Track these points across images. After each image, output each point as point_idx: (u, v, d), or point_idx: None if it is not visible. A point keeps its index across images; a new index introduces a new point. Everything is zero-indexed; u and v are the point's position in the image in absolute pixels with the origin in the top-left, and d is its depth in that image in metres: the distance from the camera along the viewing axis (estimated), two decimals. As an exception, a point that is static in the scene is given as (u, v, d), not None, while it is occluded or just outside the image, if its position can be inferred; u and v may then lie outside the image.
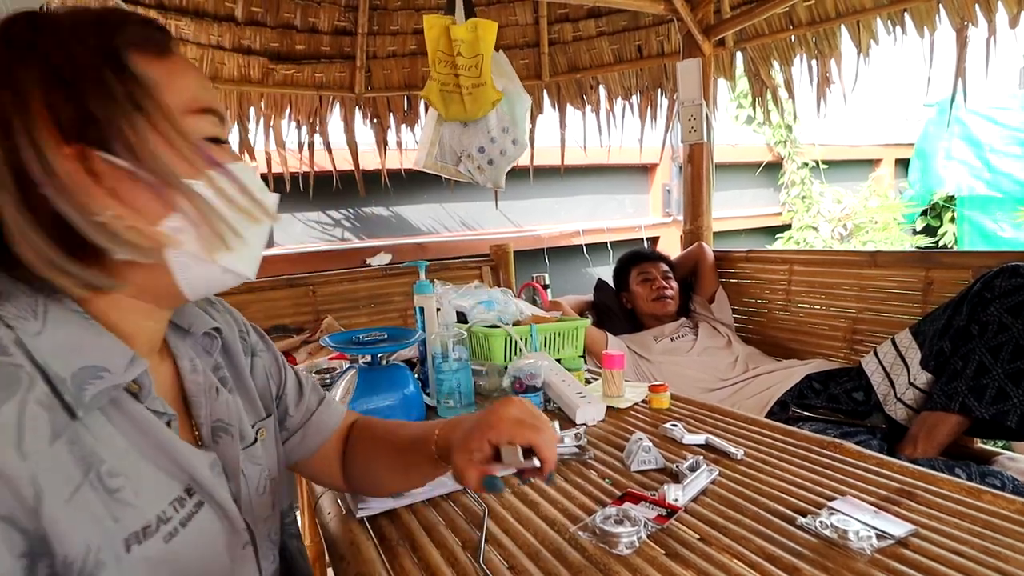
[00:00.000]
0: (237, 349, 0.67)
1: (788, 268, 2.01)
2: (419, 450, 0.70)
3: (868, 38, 2.23)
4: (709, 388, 1.72)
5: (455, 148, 1.80)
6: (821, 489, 0.77)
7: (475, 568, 0.64)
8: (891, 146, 4.94)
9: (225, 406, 0.59)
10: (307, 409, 0.76)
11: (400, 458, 0.73)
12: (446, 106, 1.91)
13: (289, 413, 0.74)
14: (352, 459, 0.78)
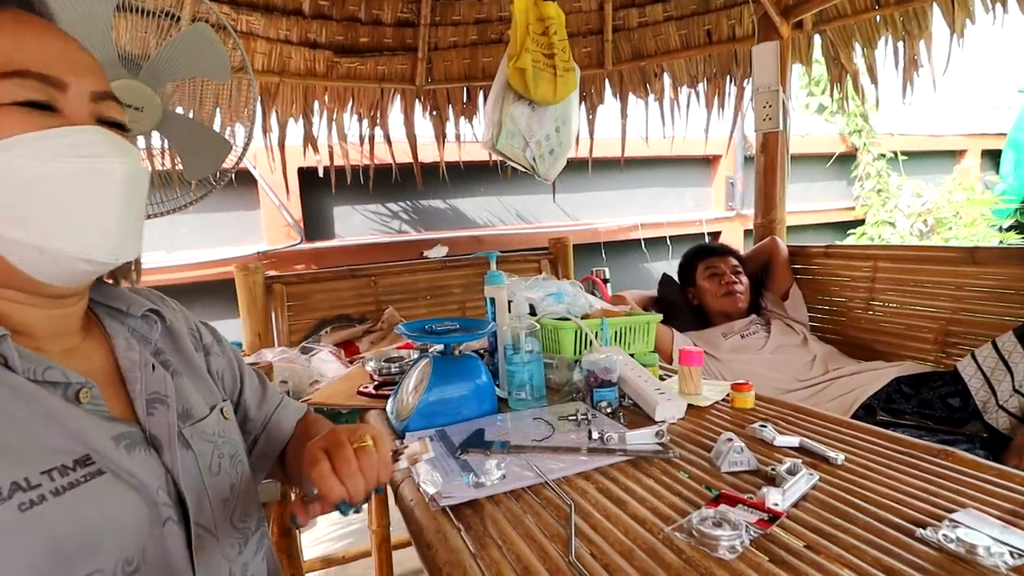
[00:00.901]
0: (185, 340, 0.67)
1: (872, 265, 1.88)
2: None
3: (963, 17, 2.07)
4: (785, 389, 1.64)
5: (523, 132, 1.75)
6: (937, 500, 0.71)
7: (568, 564, 0.62)
8: (977, 136, 4.61)
9: (162, 380, 0.58)
10: (266, 411, 0.77)
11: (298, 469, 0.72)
12: (535, 84, 1.78)
13: (250, 416, 0.75)
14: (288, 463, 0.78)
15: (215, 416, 0.63)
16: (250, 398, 0.75)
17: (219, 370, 0.71)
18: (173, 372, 0.62)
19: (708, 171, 3.75)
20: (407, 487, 0.83)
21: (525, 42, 1.70)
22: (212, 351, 0.71)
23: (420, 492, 0.81)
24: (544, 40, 1.72)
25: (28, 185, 0.48)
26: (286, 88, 2.31)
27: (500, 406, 1.12)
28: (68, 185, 0.49)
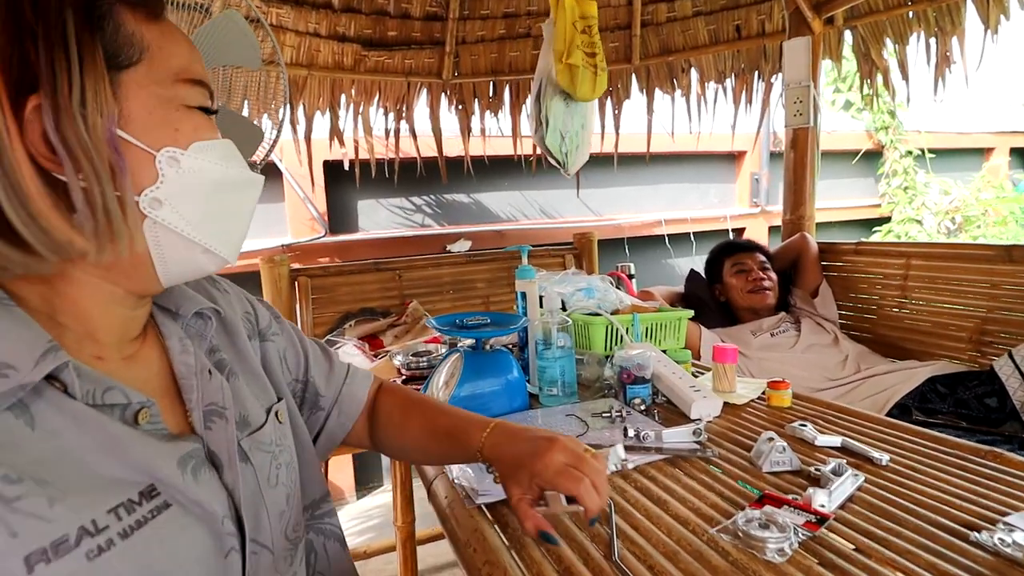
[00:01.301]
0: (240, 333, 0.63)
1: (905, 262, 1.85)
2: (458, 446, 0.69)
3: (998, 13, 2.02)
4: (817, 388, 1.62)
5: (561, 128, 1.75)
6: (987, 502, 0.69)
7: (610, 565, 0.61)
8: (1006, 134, 4.50)
9: (219, 389, 0.54)
10: (336, 384, 0.74)
11: (435, 444, 0.72)
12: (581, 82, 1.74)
13: (321, 392, 0.72)
14: (380, 426, 0.77)
15: (271, 422, 0.60)
16: (317, 374, 0.72)
17: (281, 351, 0.68)
18: (229, 373, 0.58)
19: (733, 167, 3.70)
20: (441, 484, 0.84)
21: (575, 39, 1.68)
22: (270, 332, 0.67)
23: (455, 490, 0.81)
24: (586, 39, 1.71)
25: (206, 188, 0.49)
26: (313, 81, 2.32)
27: (531, 402, 1.12)
28: (231, 191, 0.52)
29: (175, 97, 0.47)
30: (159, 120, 0.46)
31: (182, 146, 0.47)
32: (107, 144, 0.42)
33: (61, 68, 0.40)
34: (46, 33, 0.40)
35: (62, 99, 0.40)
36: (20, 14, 0.40)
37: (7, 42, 0.39)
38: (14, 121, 0.39)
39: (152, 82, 0.46)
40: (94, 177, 0.41)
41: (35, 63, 0.39)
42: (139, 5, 0.46)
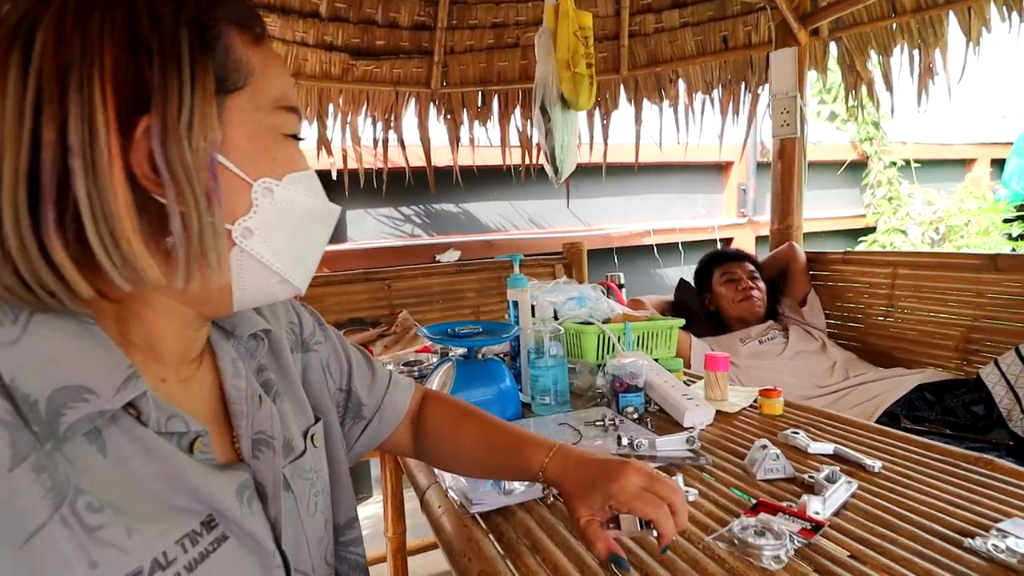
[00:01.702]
0: (284, 347, 0.61)
1: (891, 271, 1.87)
2: (516, 464, 0.67)
3: (980, 25, 2.07)
4: (805, 396, 1.62)
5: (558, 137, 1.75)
6: (980, 509, 0.69)
7: (606, 574, 0.61)
8: (987, 145, 4.59)
9: (268, 416, 0.52)
10: (379, 393, 0.72)
11: (490, 457, 0.70)
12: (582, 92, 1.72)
13: (364, 402, 0.70)
14: (428, 436, 0.75)
15: (309, 447, 0.58)
16: (360, 383, 0.70)
17: (325, 360, 0.66)
18: (275, 395, 0.56)
19: (720, 177, 3.74)
20: (434, 494, 0.82)
21: (578, 48, 1.69)
22: (313, 341, 0.65)
23: (448, 499, 0.80)
24: (584, 49, 1.72)
25: (294, 219, 0.48)
26: (301, 90, 2.31)
27: (523, 411, 1.11)
28: (313, 222, 0.50)
29: (274, 125, 0.46)
30: (258, 149, 0.45)
31: (278, 177, 0.46)
32: (207, 170, 0.41)
33: (173, 88, 0.39)
34: (161, 49, 0.38)
35: (171, 120, 0.38)
36: (137, 26, 0.38)
37: (124, 55, 0.38)
38: (118, 140, 0.38)
39: (254, 108, 0.44)
40: (192, 202, 0.40)
41: (148, 80, 0.38)
42: (247, 28, 0.45)
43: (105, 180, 0.37)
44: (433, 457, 0.76)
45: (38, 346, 0.37)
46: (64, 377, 0.37)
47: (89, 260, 0.38)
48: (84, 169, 0.36)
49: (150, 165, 0.39)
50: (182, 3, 0.40)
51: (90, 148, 0.36)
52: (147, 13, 0.39)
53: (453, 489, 0.80)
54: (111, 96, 0.37)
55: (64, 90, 0.36)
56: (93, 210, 0.37)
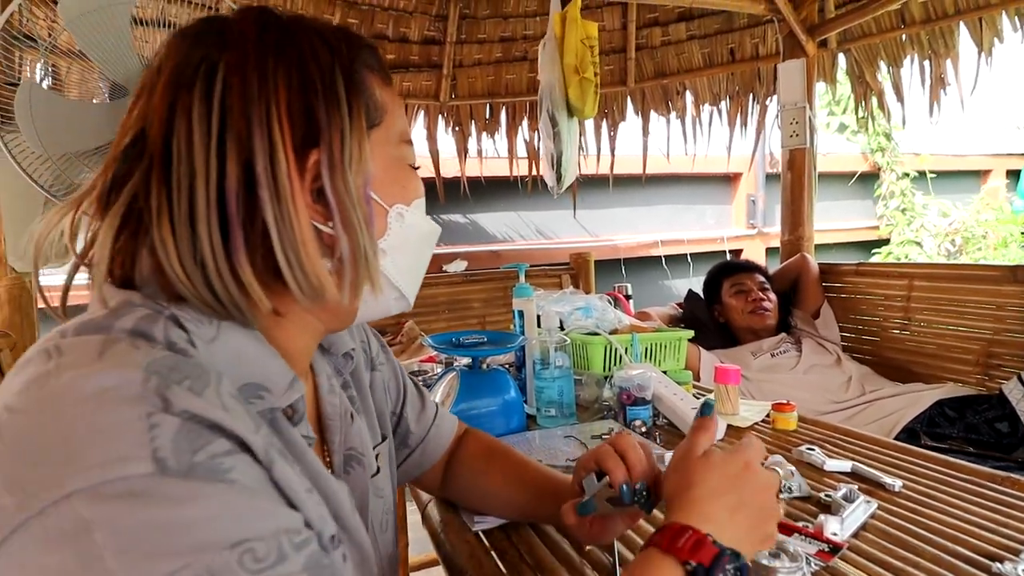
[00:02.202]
0: (361, 366, 0.62)
1: (907, 283, 1.83)
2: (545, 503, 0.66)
3: (991, 36, 2.05)
4: (820, 411, 1.58)
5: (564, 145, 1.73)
6: (1008, 531, 0.66)
7: None
8: (1002, 156, 4.53)
9: (358, 433, 0.55)
10: (425, 424, 0.72)
11: (520, 495, 0.69)
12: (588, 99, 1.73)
13: (411, 430, 0.70)
14: (461, 473, 0.74)
15: (382, 465, 0.59)
16: (411, 411, 0.71)
17: (386, 381, 0.67)
18: (355, 412, 0.58)
19: (729, 189, 3.71)
20: (435, 508, 0.80)
21: (586, 56, 1.68)
22: (378, 361, 0.66)
23: (450, 514, 0.77)
24: (591, 57, 1.71)
25: (415, 240, 0.52)
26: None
27: (528, 423, 1.09)
28: (425, 243, 0.54)
29: (401, 156, 0.50)
30: (392, 178, 0.49)
31: (407, 202, 0.50)
32: (364, 198, 0.45)
33: (336, 124, 0.43)
34: (325, 89, 0.43)
35: (336, 154, 0.42)
36: (306, 69, 0.42)
37: (296, 95, 0.42)
38: (298, 172, 0.41)
39: (387, 142, 0.49)
40: (356, 230, 0.44)
41: (317, 117, 0.42)
42: (381, 71, 0.49)
43: (289, 208, 0.40)
44: (462, 492, 0.75)
45: (228, 346, 0.41)
46: (247, 375, 0.42)
47: (270, 279, 0.42)
48: (270, 198, 0.40)
49: (312, 195, 0.43)
50: (336, 50, 0.45)
51: (274, 179, 0.40)
52: (312, 58, 0.43)
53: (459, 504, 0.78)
54: (288, 131, 0.41)
55: (248, 126, 0.40)
56: (281, 235, 0.40)
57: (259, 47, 0.42)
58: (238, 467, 0.34)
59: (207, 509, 0.31)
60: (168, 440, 0.32)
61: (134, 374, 0.33)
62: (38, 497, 0.29)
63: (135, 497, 0.30)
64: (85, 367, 0.34)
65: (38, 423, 0.32)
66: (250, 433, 0.36)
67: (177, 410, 0.33)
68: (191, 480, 0.32)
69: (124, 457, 0.30)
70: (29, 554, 0.29)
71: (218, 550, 0.31)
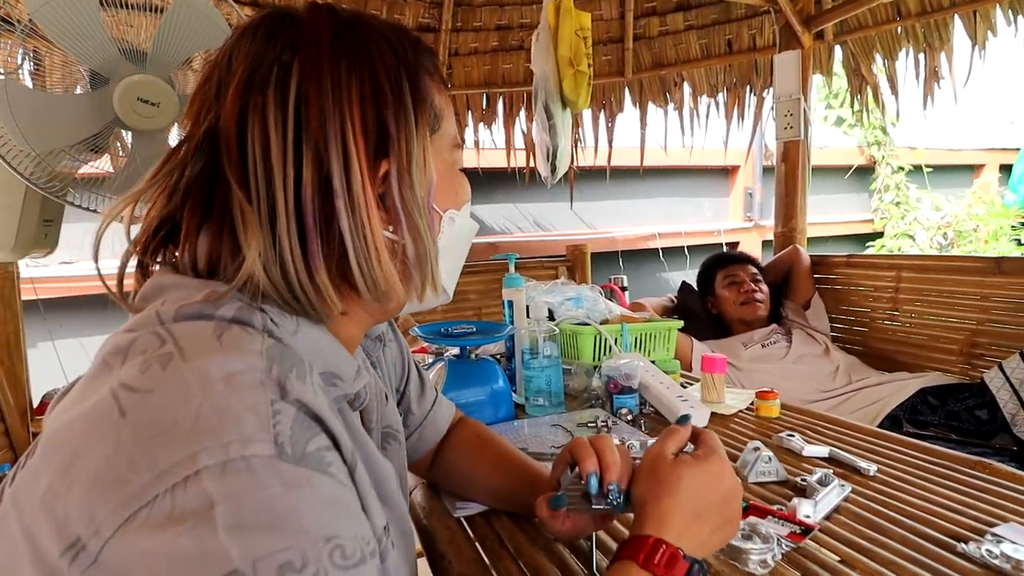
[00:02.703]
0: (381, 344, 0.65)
1: (896, 275, 1.85)
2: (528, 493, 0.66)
3: (986, 29, 2.05)
4: (808, 399, 1.60)
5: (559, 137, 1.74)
6: (976, 513, 0.68)
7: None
8: (996, 151, 4.55)
9: (394, 413, 0.57)
10: (425, 407, 0.73)
11: (502, 481, 0.71)
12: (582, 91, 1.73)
13: (412, 411, 0.71)
14: (451, 458, 0.76)
15: None
16: (413, 392, 0.72)
17: (393, 359, 0.68)
18: (387, 393, 0.60)
19: (726, 181, 3.72)
20: (419, 494, 0.82)
21: (579, 47, 1.68)
22: (387, 338, 0.68)
23: (433, 501, 0.79)
24: (585, 49, 1.71)
25: (461, 241, 0.54)
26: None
27: (517, 412, 1.11)
28: (467, 242, 0.56)
29: (453, 160, 0.52)
30: (447, 183, 0.50)
31: (458, 207, 0.52)
32: (428, 205, 0.46)
33: (404, 134, 0.44)
34: (394, 99, 0.43)
35: (404, 164, 0.44)
36: (376, 79, 0.43)
37: (370, 102, 0.42)
38: (371, 182, 0.43)
39: (443, 147, 0.50)
40: (423, 236, 0.45)
41: (387, 128, 0.43)
42: (438, 75, 0.49)
43: (363, 218, 0.42)
44: (449, 477, 0.77)
45: (307, 339, 0.43)
46: (323, 364, 0.43)
47: (341, 282, 0.44)
48: (346, 208, 0.41)
49: (378, 200, 0.44)
50: (402, 55, 0.45)
51: (349, 190, 0.41)
52: (382, 64, 0.44)
53: (443, 490, 0.80)
54: (361, 143, 0.42)
55: (324, 136, 0.41)
56: (355, 243, 0.42)
57: (333, 51, 0.42)
58: (335, 464, 0.36)
59: (313, 498, 0.33)
60: (287, 427, 0.34)
61: (257, 360, 0.35)
62: (171, 473, 0.30)
63: (256, 475, 0.31)
64: (209, 350, 0.35)
65: (167, 403, 0.33)
66: (340, 432, 0.37)
67: (292, 399, 0.35)
68: (302, 467, 0.33)
69: (251, 438, 0.32)
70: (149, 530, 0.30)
71: (316, 539, 0.32)
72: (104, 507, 0.30)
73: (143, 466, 0.31)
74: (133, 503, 0.30)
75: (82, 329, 2.40)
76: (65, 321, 2.37)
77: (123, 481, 0.31)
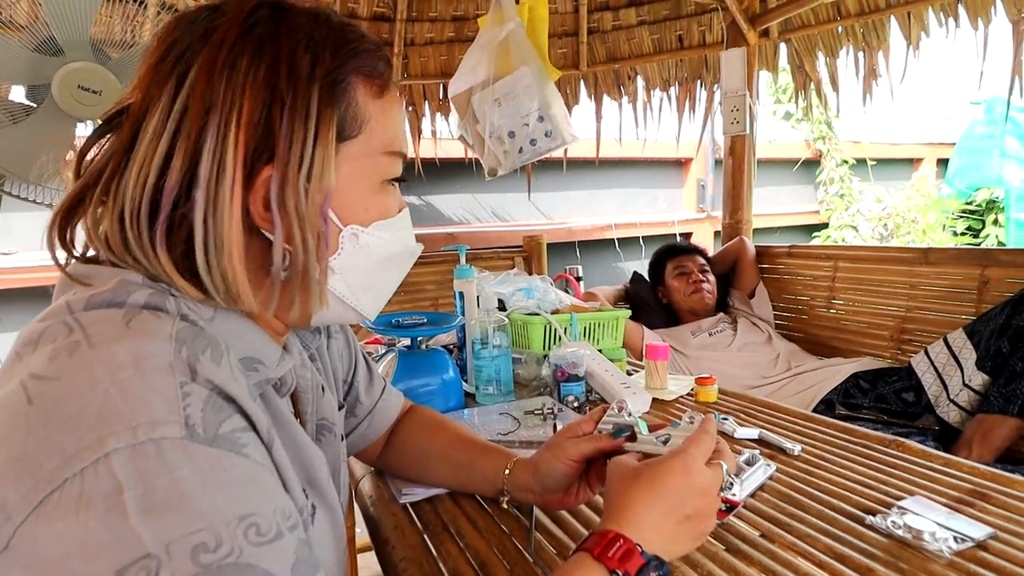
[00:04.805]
0: (323, 340, 0.64)
1: (833, 264, 1.94)
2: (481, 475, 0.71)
3: (919, 30, 2.16)
4: (750, 385, 1.68)
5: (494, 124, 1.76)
6: (887, 488, 0.73)
7: (526, 557, 0.62)
8: (933, 145, 4.78)
9: (330, 407, 0.57)
10: (374, 396, 0.74)
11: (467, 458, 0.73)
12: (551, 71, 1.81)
13: (360, 400, 0.72)
14: (404, 440, 0.77)
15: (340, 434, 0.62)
16: (361, 382, 0.72)
17: (340, 350, 0.68)
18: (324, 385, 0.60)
19: (680, 173, 3.80)
20: (367, 483, 0.83)
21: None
22: (333, 330, 0.68)
23: (380, 488, 0.80)
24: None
25: (374, 261, 0.50)
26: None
27: (467, 401, 1.12)
28: (392, 263, 0.53)
29: (377, 170, 0.48)
30: (356, 196, 0.47)
31: (365, 224, 0.48)
32: (319, 216, 0.44)
33: (298, 141, 0.41)
34: (293, 104, 0.41)
35: (292, 171, 0.41)
36: (276, 80, 0.41)
37: (260, 106, 0.41)
38: (242, 181, 0.41)
39: (363, 155, 0.47)
40: (302, 246, 0.43)
41: (277, 132, 0.41)
42: (375, 78, 0.47)
43: (223, 215, 0.40)
44: (401, 462, 0.78)
45: (225, 325, 0.43)
46: (243, 349, 0.44)
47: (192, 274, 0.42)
48: (205, 201, 0.40)
49: (265, 206, 0.42)
50: (319, 58, 0.43)
51: (216, 185, 0.40)
52: (288, 66, 0.42)
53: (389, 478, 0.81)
54: (243, 141, 0.40)
55: (203, 129, 0.40)
56: (206, 238, 0.40)
57: (238, 44, 0.41)
58: (251, 444, 0.37)
59: (226, 478, 0.33)
60: (198, 409, 0.34)
61: (165, 344, 0.35)
62: (79, 457, 0.31)
63: (165, 458, 0.32)
64: (116, 336, 0.35)
65: (74, 389, 0.33)
66: (257, 411, 0.38)
67: (202, 380, 0.35)
68: (215, 448, 0.34)
69: (159, 421, 0.32)
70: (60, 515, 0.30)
71: (229, 519, 0.32)
72: (15, 493, 0.31)
73: (52, 451, 0.31)
74: (43, 488, 0.30)
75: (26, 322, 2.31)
76: (5, 315, 2.27)
77: (33, 467, 0.31)
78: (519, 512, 0.71)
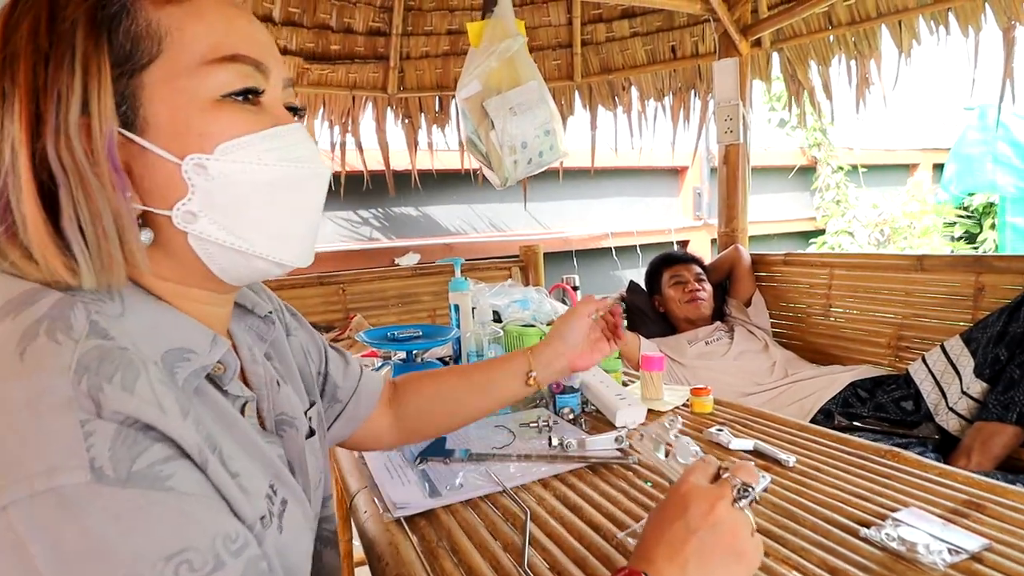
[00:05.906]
0: (281, 333, 0.63)
1: (829, 272, 1.95)
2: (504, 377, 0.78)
3: (910, 38, 2.17)
4: (746, 393, 1.67)
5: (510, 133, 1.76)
6: (882, 500, 0.73)
7: (519, 572, 0.62)
8: (928, 151, 4.80)
9: (287, 399, 0.55)
10: (353, 377, 0.74)
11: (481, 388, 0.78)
12: None
13: (339, 384, 0.72)
14: (413, 407, 0.78)
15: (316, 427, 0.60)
16: (334, 368, 0.71)
17: (304, 345, 0.67)
18: (281, 380, 0.57)
19: (676, 181, 3.82)
20: (362, 499, 0.83)
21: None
22: (292, 328, 0.66)
23: (375, 504, 0.80)
24: None
25: (244, 191, 0.43)
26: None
27: (463, 414, 1.12)
28: (279, 190, 0.45)
29: (203, 88, 0.41)
30: (183, 123, 0.41)
31: (207, 151, 0.41)
32: (106, 162, 0.39)
33: (64, 89, 0.38)
34: (56, 51, 0.38)
35: (61, 121, 0.37)
36: (38, 34, 0.38)
37: (30, 69, 0.38)
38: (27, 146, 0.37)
39: (176, 75, 0.40)
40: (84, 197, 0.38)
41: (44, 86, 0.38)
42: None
43: (19, 183, 0.37)
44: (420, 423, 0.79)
45: (139, 317, 0.40)
46: (167, 341, 0.41)
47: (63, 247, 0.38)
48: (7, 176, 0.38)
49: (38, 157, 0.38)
50: None
51: (11, 155, 0.37)
52: (48, 17, 0.38)
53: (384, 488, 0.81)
54: (25, 104, 0.37)
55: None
56: (15, 212, 0.38)
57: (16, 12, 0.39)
58: (177, 474, 0.34)
59: (144, 520, 0.31)
60: (105, 448, 0.31)
61: (62, 378, 0.32)
62: None
63: (70, 508, 0.29)
64: (10, 372, 0.32)
65: None
66: (185, 431, 0.35)
67: (109, 413, 0.32)
68: (129, 489, 0.31)
69: (58, 467, 0.30)
70: None
71: (154, 561, 0.30)
72: None
73: None
74: None
75: None
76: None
77: None
78: (513, 528, 0.71)
